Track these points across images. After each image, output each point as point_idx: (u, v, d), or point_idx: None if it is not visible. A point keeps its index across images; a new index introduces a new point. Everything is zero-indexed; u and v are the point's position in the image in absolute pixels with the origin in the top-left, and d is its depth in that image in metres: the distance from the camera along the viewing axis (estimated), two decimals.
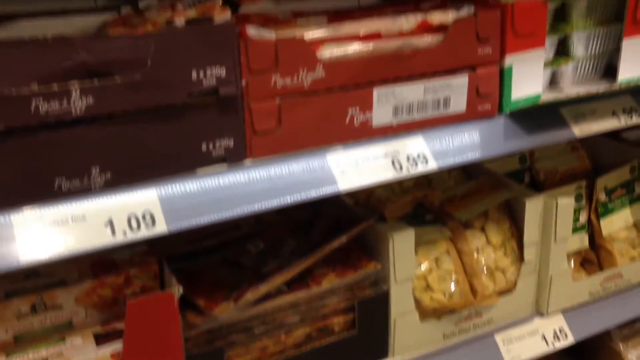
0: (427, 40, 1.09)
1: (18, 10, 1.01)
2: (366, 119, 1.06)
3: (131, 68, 0.84)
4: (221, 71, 0.91)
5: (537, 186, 1.53)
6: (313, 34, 1.03)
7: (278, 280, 1.14)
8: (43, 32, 0.95)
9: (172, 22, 0.89)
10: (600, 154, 1.58)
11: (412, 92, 1.08)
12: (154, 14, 0.95)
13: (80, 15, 1.02)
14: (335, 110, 1.04)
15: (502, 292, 1.34)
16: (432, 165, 1.08)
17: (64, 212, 0.86)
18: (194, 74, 0.89)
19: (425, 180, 1.47)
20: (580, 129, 1.19)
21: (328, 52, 1.03)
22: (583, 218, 1.45)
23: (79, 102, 0.82)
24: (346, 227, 1.25)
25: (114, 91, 0.83)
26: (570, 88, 1.25)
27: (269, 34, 0.98)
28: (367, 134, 1.07)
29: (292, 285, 1.17)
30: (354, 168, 1.04)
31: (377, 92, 1.06)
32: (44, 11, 1.00)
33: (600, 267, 1.48)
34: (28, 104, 0.78)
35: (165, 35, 0.85)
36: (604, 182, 1.45)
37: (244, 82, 0.95)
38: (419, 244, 1.26)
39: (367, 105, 1.06)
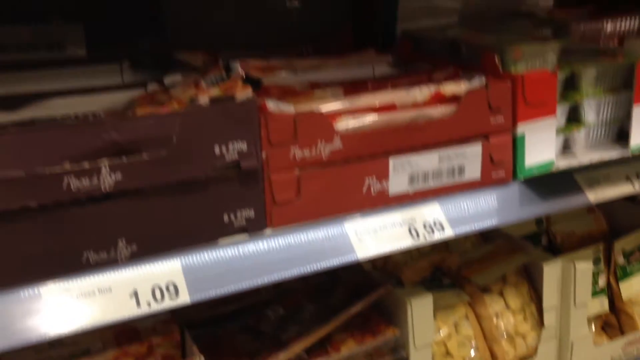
0: (440, 110, 1.12)
1: (51, 89, 1.07)
2: (383, 187, 1.09)
3: (157, 145, 0.88)
4: (243, 145, 0.95)
5: (555, 249, 1.53)
6: (330, 106, 1.07)
7: (297, 347, 1.15)
8: (74, 110, 1.00)
9: (196, 101, 0.93)
10: (617, 216, 1.59)
11: (427, 161, 1.11)
12: (179, 91, 1.00)
13: (109, 92, 1.07)
14: (352, 180, 1.07)
15: (523, 358, 1.33)
16: (449, 232, 1.10)
17: (91, 284, 0.89)
18: (216, 149, 0.93)
19: (442, 244, 1.49)
20: (595, 195, 1.20)
21: (345, 124, 1.06)
22: (602, 281, 1.45)
23: (108, 179, 0.85)
24: (364, 292, 1.26)
25: (141, 167, 0.87)
26: (584, 153, 1.27)
27: (288, 108, 1.02)
28: (384, 202, 1.09)
29: (311, 352, 1.17)
30: (371, 236, 1.06)
31: (393, 162, 1.09)
32: (74, 89, 1.06)
33: (622, 331, 1.46)
34: (60, 181, 0.82)
35: (190, 113, 0.90)
36: (621, 245, 1.46)
37: (264, 155, 0.99)
38: (437, 308, 1.27)
39: (383, 175, 1.09)
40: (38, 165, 0.81)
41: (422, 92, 1.13)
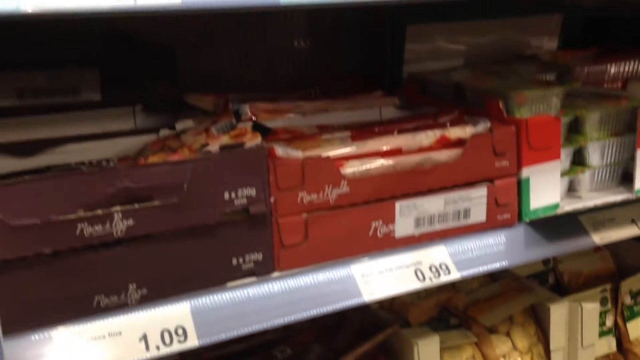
0: (446, 155, 1.14)
1: (66, 134, 1.10)
2: (389, 230, 1.10)
3: (169, 192, 0.90)
4: (251, 191, 0.97)
5: (562, 288, 1.53)
6: (337, 151, 1.10)
7: None
8: (88, 156, 1.03)
9: (207, 148, 0.96)
10: (624, 255, 1.59)
11: (433, 204, 1.13)
12: (190, 138, 1.03)
13: (122, 137, 1.10)
14: (359, 224, 1.08)
15: None
16: (455, 275, 1.11)
17: (102, 327, 0.90)
18: (226, 195, 0.95)
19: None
20: (600, 237, 1.21)
21: (352, 169, 1.08)
22: (609, 322, 1.45)
23: (120, 225, 0.88)
24: (371, 332, 1.27)
25: (153, 214, 0.89)
26: (589, 195, 1.28)
27: (296, 153, 1.05)
28: (390, 245, 1.11)
29: None
30: (378, 279, 1.07)
31: (399, 205, 1.10)
32: (89, 135, 1.09)
33: None
34: (74, 228, 0.85)
35: (201, 161, 0.92)
36: (628, 285, 1.46)
37: (272, 199, 1.01)
38: (444, 349, 1.27)
39: (389, 218, 1.10)
40: (53, 212, 0.83)
41: (428, 137, 1.15)
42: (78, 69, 1.23)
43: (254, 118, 1.20)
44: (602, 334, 1.42)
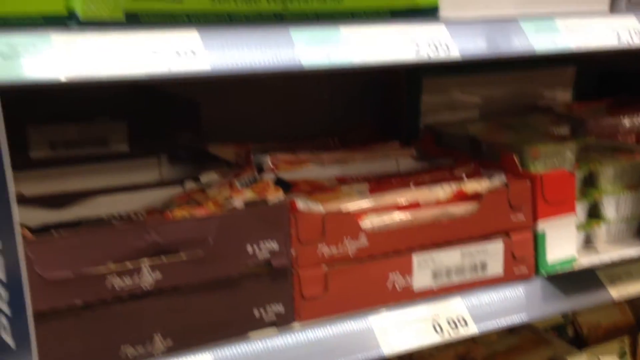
0: (462, 208, 1.17)
1: (95, 185, 1.14)
2: (407, 283, 1.12)
3: (195, 245, 0.94)
4: (274, 245, 1.00)
5: (581, 341, 1.53)
6: (356, 205, 1.13)
7: None
8: (117, 208, 1.07)
9: (231, 203, 1.00)
10: None
11: (450, 258, 1.15)
12: (215, 192, 1.07)
13: (149, 189, 1.14)
14: (377, 276, 1.10)
15: None
16: (473, 329, 1.12)
17: None
18: (249, 249, 0.98)
19: None
20: (618, 292, 1.22)
21: (370, 222, 1.11)
22: None
23: (148, 277, 0.91)
24: None
25: (179, 267, 0.93)
26: (605, 249, 1.30)
27: (316, 207, 1.08)
28: (408, 297, 1.13)
29: None
30: (396, 332, 1.09)
31: (417, 258, 1.13)
32: (117, 187, 1.13)
33: None
34: (104, 281, 0.88)
35: (226, 216, 0.96)
36: None
37: (293, 252, 1.04)
38: None
39: (407, 271, 1.12)
40: (85, 265, 0.87)
41: (444, 190, 1.18)
42: (107, 122, 1.28)
43: (275, 171, 1.24)
44: None
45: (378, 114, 1.66)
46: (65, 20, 0.82)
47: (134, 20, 0.85)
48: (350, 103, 1.64)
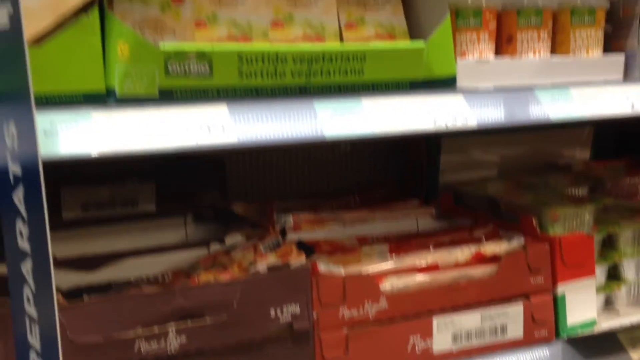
0: (481, 271, 1.18)
1: (124, 247, 1.18)
2: (427, 346, 1.14)
3: (220, 310, 0.97)
4: (296, 308, 1.02)
5: None
6: (376, 267, 1.15)
7: None
8: (145, 270, 1.11)
9: (255, 266, 1.03)
10: None
11: (469, 320, 1.16)
12: (239, 254, 1.10)
13: (176, 251, 1.18)
14: (397, 338, 1.12)
15: None
16: None
17: None
18: (272, 312, 1.01)
19: None
20: (638, 355, 1.21)
21: (390, 285, 1.13)
22: None
23: (174, 342, 0.94)
24: None
25: (204, 331, 0.95)
26: (626, 310, 1.30)
27: (338, 270, 1.11)
28: None
29: None
30: None
31: (437, 321, 1.14)
32: (145, 249, 1.17)
33: None
34: (132, 345, 0.91)
35: (250, 281, 0.99)
36: None
37: (315, 315, 1.06)
38: None
39: (427, 333, 1.14)
40: (114, 330, 0.90)
41: (463, 253, 1.20)
42: (137, 183, 1.33)
43: (297, 231, 1.27)
44: None
45: (398, 172, 1.69)
46: (104, 98, 0.87)
47: (168, 96, 0.91)
48: (371, 161, 1.68)
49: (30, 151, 0.70)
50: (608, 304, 1.32)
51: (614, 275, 1.31)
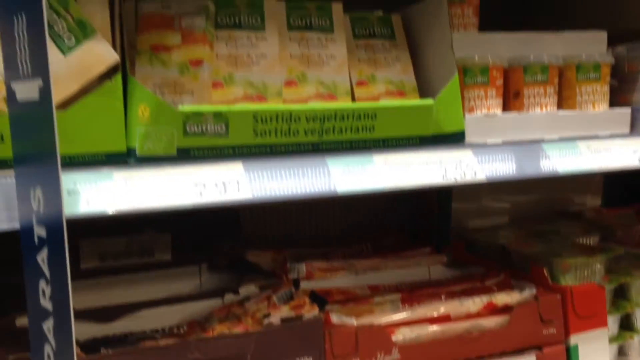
0: (493, 321, 1.19)
1: (140, 297, 1.21)
2: None
3: None
4: None
5: None
6: (388, 318, 1.16)
7: None
8: (161, 322, 1.13)
9: (269, 317, 1.04)
10: None
11: None
12: (253, 306, 1.12)
13: (191, 301, 1.20)
14: None
15: None
16: None
17: None
18: None
19: None
20: None
21: (402, 335, 1.14)
22: None
23: None
24: None
25: None
26: None
27: (350, 321, 1.12)
28: None
29: None
30: None
31: None
32: (161, 299, 1.19)
33: None
34: None
35: (264, 334, 1.00)
36: None
37: None
38: None
39: None
40: None
41: (475, 303, 1.21)
42: (153, 233, 1.36)
43: (310, 279, 1.29)
44: None
45: (410, 219, 1.71)
46: (125, 157, 0.91)
47: (185, 154, 0.94)
48: (383, 209, 1.70)
49: (55, 214, 0.73)
50: (621, 355, 1.32)
51: (626, 325, 1.31)
